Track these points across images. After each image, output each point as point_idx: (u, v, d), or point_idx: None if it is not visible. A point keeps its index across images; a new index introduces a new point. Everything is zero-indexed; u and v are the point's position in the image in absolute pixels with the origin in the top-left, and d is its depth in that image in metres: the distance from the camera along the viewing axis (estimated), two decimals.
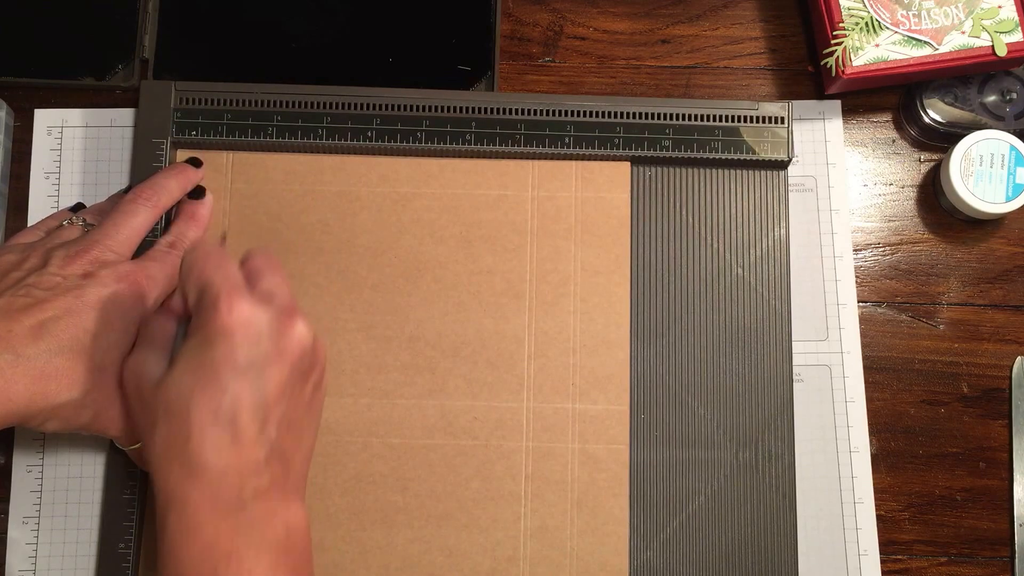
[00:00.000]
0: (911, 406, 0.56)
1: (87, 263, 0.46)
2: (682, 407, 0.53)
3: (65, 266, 0.46)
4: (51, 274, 0.45)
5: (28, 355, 0.42)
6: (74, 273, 0.46)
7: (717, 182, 0.55)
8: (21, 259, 0.47)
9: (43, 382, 0.43)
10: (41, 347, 0.43)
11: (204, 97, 0.55)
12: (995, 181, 0.55)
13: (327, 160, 0.55)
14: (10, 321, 0.43)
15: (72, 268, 0.46)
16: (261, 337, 0.41)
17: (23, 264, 0.47)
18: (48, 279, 0.45)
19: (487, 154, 0.55)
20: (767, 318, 0.54)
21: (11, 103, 0.57)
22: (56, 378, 0.43)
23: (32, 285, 0.45)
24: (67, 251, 0.47)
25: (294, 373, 0.42)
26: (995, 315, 0.57)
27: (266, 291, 0.43)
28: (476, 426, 0.53)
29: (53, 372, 0.43)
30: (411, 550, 0.51)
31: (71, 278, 0.45)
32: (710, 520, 0.52)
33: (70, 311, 0.44)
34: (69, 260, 0.46)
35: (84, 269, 0.46)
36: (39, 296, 0.44)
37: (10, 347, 0.42)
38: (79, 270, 0.46)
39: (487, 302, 0.54)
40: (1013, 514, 0.55)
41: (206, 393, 0.40)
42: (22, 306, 0.43)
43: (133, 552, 0.51)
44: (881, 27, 0.55)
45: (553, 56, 0.59)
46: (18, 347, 0.42)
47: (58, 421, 0.44)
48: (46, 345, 0.43)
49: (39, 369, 0.43)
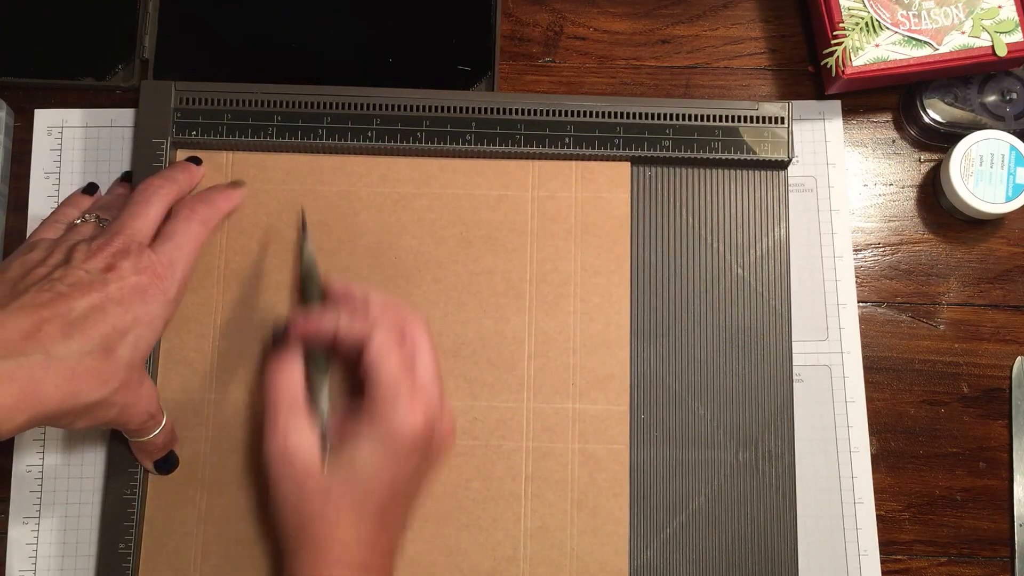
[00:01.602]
0: (911, 406, 0.56)
1: (108, 256, 0.46)
2: (682, 407, 0.53)
3: (87, 260, 0.46)
4: (74, 269, 0.45)
5: (59, 355, 0.42)
6: (97, 267, 0.46)
7: (717, 182, 0.55)
8: (45, 255, 0.47)
9: (74, 382, 0.42)
10: (72, 346, 0.42)
11: (204, 97, 0.55)
12: (995, 181, 0.55)
13: (327, 160, 0.55)
14: (39, 319, 0.42)
15: (94, 262, 0.46)
16: (431, 451, 0.47)
17: (47, 260, 0.47)
18: (72, 274, 0.45)
19: (487, 154, 0.55)
20: (767, 318, 0.54)
21: (11, 103, 0.57)
22: (87, 378, 0.43)
23: (57, 280, 0.45)
24: (88, 245, 0.47)
25: (434, 468, 0.49)
26: (995, 315, 0.57)
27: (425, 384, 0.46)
28: (476, 426, 0.53)
29: (84, 372, 0.43)
30: (411, 550, 0.51)
31: (94, 272, 0.45)
32: (710, 520, 0.52)
33: (96, 307, 0.44)
34: (91, 254, 0.46)
35: (106, 262, 0.46)
36: (63, 291, 0.44)
37: (41, 346, 0.42)
38: (101, 264, 0.46)
39: (487, 302, 0.54)
40: (1013, 514, 0.55)
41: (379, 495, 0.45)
42: (48, 302, 0.43)
43: (133, 552, 0.51)
44: (881, 27, 0.55)
45: (553, 56, 0.60)
46: (49, 346, 0.42)
47: (87, 419, 0.44)
48: (77, 344, 0.43)
49: (70, 369, 0.42)
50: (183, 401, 0.52)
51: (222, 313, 0.53)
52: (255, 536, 0.51)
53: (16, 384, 0.40)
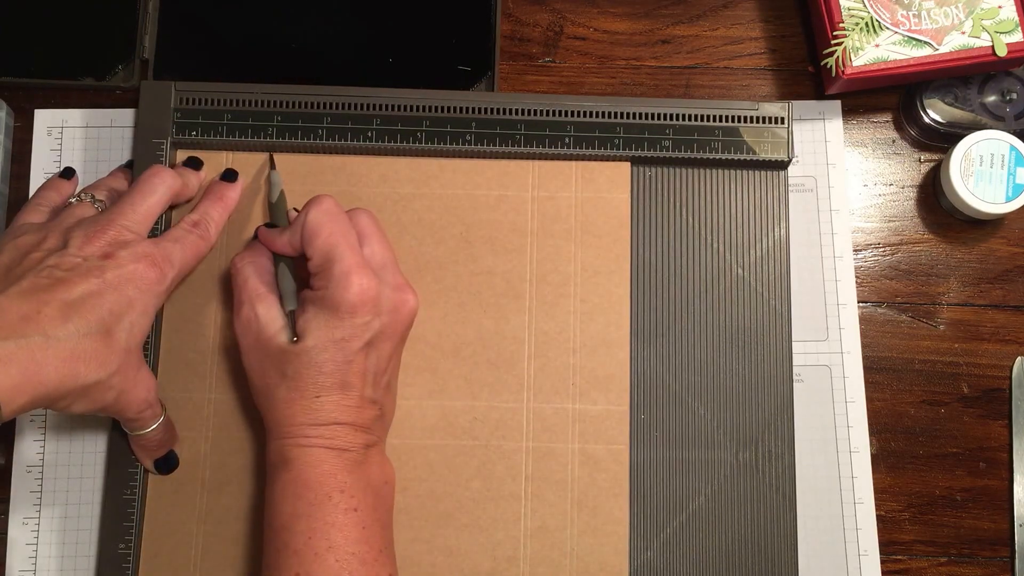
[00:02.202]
0: (911, 406, 0.56)
1: (106, 244, 0.47)
2: (682, 407, 0.53)
3: (84, 246, 0.46)
4: (71, 255, 0.46)
5: (58, 336, 0.42)
6: (94, 254, 0.46)
7: (717, 182, 0.55)
8: (39, 239, 0.47)
9: (73, 363, 0.43)
10: (70, 328, 0.43)
11: (204, 97, 0.55)
12: (995, 181, 0.55)
13: (327, 160, 0.55)
14: (38, 302, 0.43)
15: (91, 249, 0.46)
16: (382, 313, 0.47)
17: (42, 244, 0.47)
18: (69, 260, 0.45)
19: (487, 154, 0.55)
20: (767, 318, 0.54)
21: (11, 103, 0.57)
22: (85, 359, 0.43)
23: (54, 266, 0.45)
24: (86, 232, 0.47)
25: (401, 341, 0.50)
26: (995, 315, 0.57)
27: (378, 260, 0.49)
28: (476, 426, 0.53)
29: (82, 353, 0.43)
30: (411, 550, 0.51)
31: (91, 259, 0.46)
32: (710, 520, 0.52)
33: (93, 292, 0.44)
34: (88, 240, 0.46)
35: (104, 250, 0.46)
36: (61, 277, 0.44)
37: (40, 328, 0.42)
38: (98, 251, 0.46)
39: (487, 302, 0.54)
40: (1013, 514, 0.55)
41: (334, 364, 0.46)
42: (46, 286, 0.44)
43: (133, 552, 0.51)
44: (881, 27, 0.55)
45: (553, 56, 0.59)
46: (48, 328, 0.42)
47: (85, 402, 0.45)
48: (75, 326, 0.43)
49: (69, 350, 0.43)
50: (183, 401, 0.52)
51: (222, 313, 0.53)
52: (255, 536, 0.51)
53: (16, 365, 0.40)
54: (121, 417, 0.48)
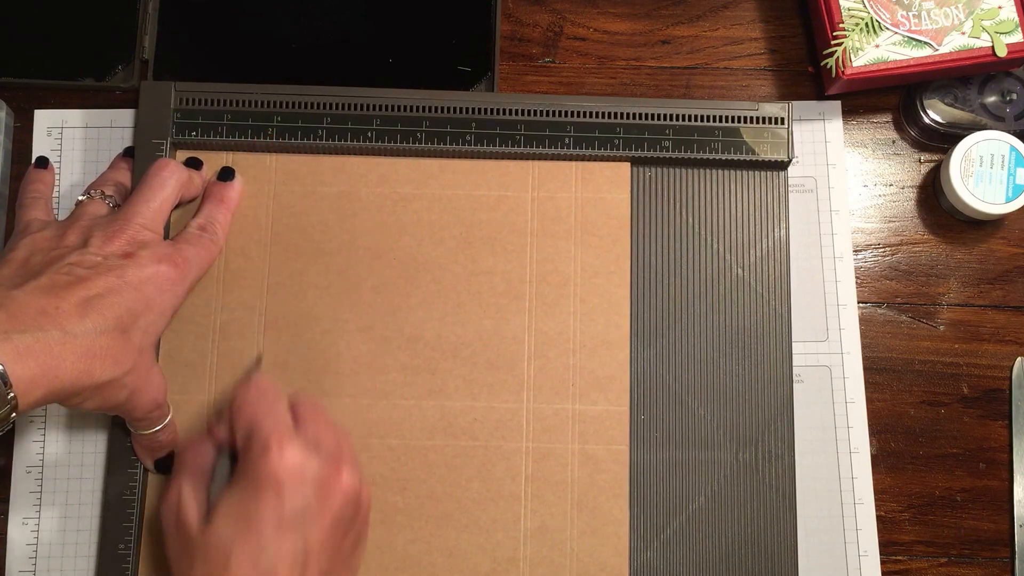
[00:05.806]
0: (911, 407, 0.56)
1: (125, 243, 0.47)
2: (682, 407, 0.53)
3: (104, 245, 0.46)
4: (92, 253, 0.46)
5: (75, 332, 0.42)
6: (114, 253, 0.46)
7: (717, 183, 0.55)
8: (57, 237, 0.47)
9: (89, 360, 0.43)
10: (88, 325, 0.43)
11: (204, 97, 0.55)
12: (995, 182, 0.55)
13: (327, 160, 0.55)
14: (56, 298, 0.43)
15: (111, 247, 0.46)
16: (307, 488, 0.43)
17: (61, 242, 0.47)
18: (89, 258, 0.45)
19: (487, 155, 0.55)
20: (767, 318, 0.54)
21: (11, 103, 0.57)
22: (101, 357, 0.43)
23: (74, 264, 0.45)
24: (104, 231, 0.47)
25: (337, 526, 0.44)
26: (995, 316, 0.57)
27: (313, 437, 0.45)
28: (476, 427, 0.53)
29: (99, 351, 0.43)
30: (411, 550, 0.51)
31: (111, 258, 0.46)
32: (710, 520, 0.52)
33: (112, 290, 0.44)
34: (108, 239, 0.47)
35: (123, 249, 0.47)
36: (81, 274, 0.44)
37: (58, 324, 0.42)
38: (119, 250, 0.46)
39: (487, 303, 0.54)
40: (1013, 515, 0.55)
41: (248, 545, 0.41)
42: (65, 283, 0.44)
43: (133, 552, 0.51)
44: (881, 28, 0.55)
45: (553, 57, 0.59)
46: (65, 324, 0.42)
47: (98, 399, 0.44)
48: (92, 323, 0.43)
49: (86, 347, 0.42)
50: (183, 401, 0.52)
51: (222, 314, 0.53)
52: None
53: (34, 358, 0.40)
54: (130, 416, 0.48)
